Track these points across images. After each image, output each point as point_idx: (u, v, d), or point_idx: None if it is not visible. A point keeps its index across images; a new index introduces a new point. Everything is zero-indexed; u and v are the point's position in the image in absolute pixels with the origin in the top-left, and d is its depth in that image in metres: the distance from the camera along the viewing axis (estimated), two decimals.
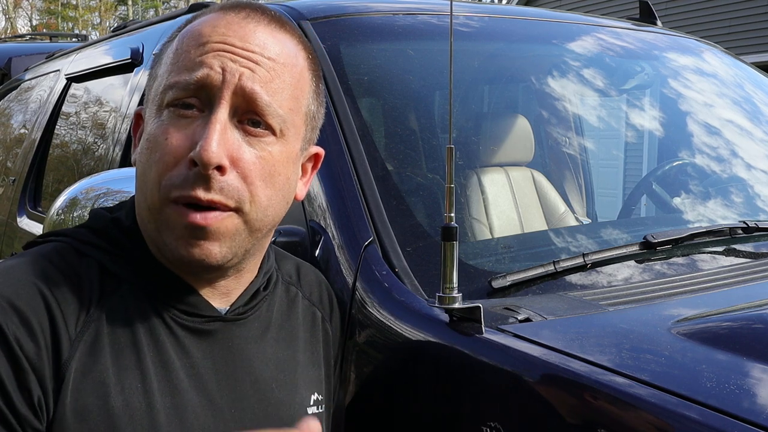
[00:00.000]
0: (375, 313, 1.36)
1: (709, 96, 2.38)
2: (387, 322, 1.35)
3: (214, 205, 0.94)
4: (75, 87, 3.11)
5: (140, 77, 2.45)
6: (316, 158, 1.14)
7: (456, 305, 1.23)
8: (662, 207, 2.28)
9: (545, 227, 2.25)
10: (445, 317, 1.27)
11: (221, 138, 0.93)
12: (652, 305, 1.38)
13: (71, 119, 3.11)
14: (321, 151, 1.14)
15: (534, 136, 2.36)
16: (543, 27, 2.32)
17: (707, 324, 1.26)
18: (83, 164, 2.80)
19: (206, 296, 1.01)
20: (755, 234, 1.73)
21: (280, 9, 1.89)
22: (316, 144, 1.14)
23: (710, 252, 1.68)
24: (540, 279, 1.46)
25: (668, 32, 2.59)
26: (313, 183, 1.58)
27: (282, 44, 1.01)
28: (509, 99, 2.67)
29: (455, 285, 1.23)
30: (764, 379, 1.07)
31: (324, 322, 1.22)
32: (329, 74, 1.69)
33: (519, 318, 1.27)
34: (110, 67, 2.77)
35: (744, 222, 1.73)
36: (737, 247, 1.70)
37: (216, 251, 0.95)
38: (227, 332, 1.01)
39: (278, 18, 1.03)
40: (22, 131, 3.47)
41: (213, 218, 0.94)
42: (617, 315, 1.33)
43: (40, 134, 3.17)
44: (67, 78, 3.15)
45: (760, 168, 2.20)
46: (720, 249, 1.69)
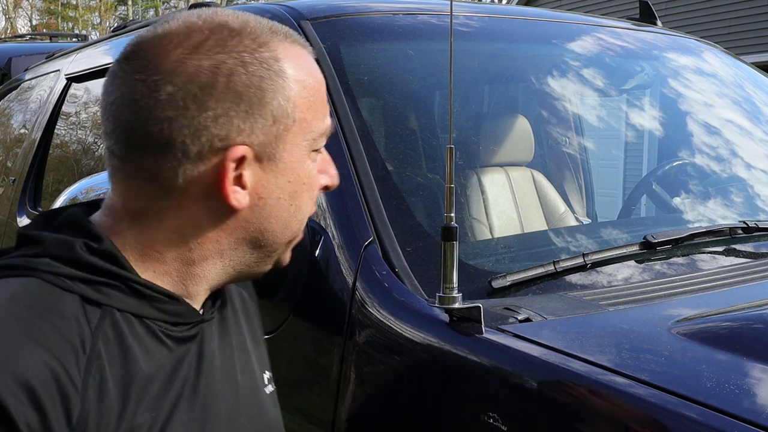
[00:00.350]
0: (375, 313, 1.36)
1: (709, 96, 2.38)
2: (387, 322, 1.35)
3: None
4: (75, 87, 3.11)
5: None
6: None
7: (456, 305, 1.23)
8: (662, 207, 2.29)
9: (545, 227, 2.25)
10: (445, 317, 1.28)
11: None
12: (652, 305, 1.38)
13: (71, 119, 3.11)
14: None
15: (534, 136, 2.36)
16: (543, 27, 2.32)
17: (707, 324, 1.27)
18: (83, 164, 2.80)
19: (189, 302, 1.00)
20: (755, 234, 1.73)
21: (280, 9, 1.89)
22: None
23: (710, 252, 1.68)
24: (540, 279, 1.46)
25: (668, 32, 2.59)
26: None
27: None
28: (509, 99, 2.67)
29: (455, 285, 1.23)
30: (764, 379, 1.07)
31: (247, 300, 1.21)
32: (329, 74, 1.70)
33: (519, 318, 1.27)
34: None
35: (744, 222, 1.73)
36: (737, 247, 1.70)
37: None
38: (203, 333, 1.01)
39: None
40: (22, 131, 3.47)
41: None
42: (617, 315, 1.33)
43: (40, 134, 3.17)
44: (67, 78, 3.15)
45: (760, 168, 2.20)
46: (720, 249, 1.69)
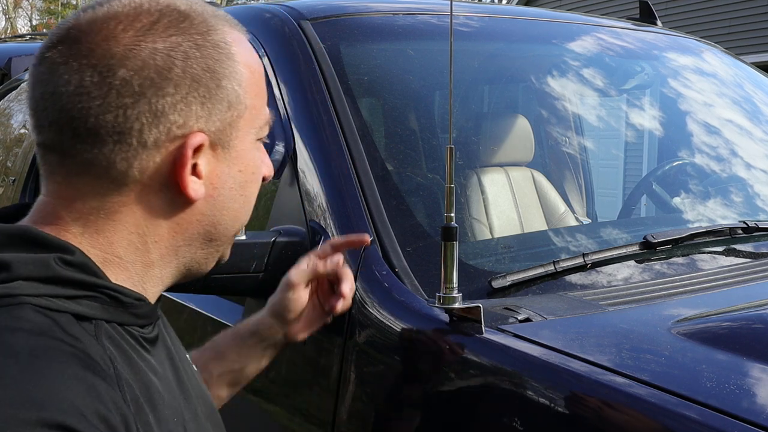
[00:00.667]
0: (375, 313, 1.36)
1: (709, 96, 2.38)
2: (387, 322, 1.35)
3: None
4: None
5: None
6: None
7: (456, 305, 1.23)
8: (662, 207, 2.29)
9: (545, 227, 2.25)
10: (445, 317, 1.27)
11: None
12: (652, 305, 1.38)
13: None
14: None
15: (534, 136, 2.36)
16: (543, 27, 2.32)
17: (707, 324, 1.27)
18: None
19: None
20: (755, 234, 1.73)
21: (280, 9, 1.89)
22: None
23: (710, 252, 1.68)
24: (540, 279, 1.46)
25: (668, 32, 2.59)
26: (313, 183, 1.59)
27: None
28: (509, 99, 2.67)
29: (455, 285, 1.23)
30: (764, 379, 1.07)
31: None
32: (329, 74, 1.69)
33: (519, 318, 1.27)
34: None
35: (744, 222, 1.73)
36: (737, 247, 1.70)
37: None
38: (159, 329, 0.99)
39: None
40: (22, 131, 3.47)
41: None
42: (617, 315, 1.33)
43: None
44: None
45: (760, 168, 2.20)
46: (720, 249, 1.69)
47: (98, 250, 0.88)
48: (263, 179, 1.01)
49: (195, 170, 0.89)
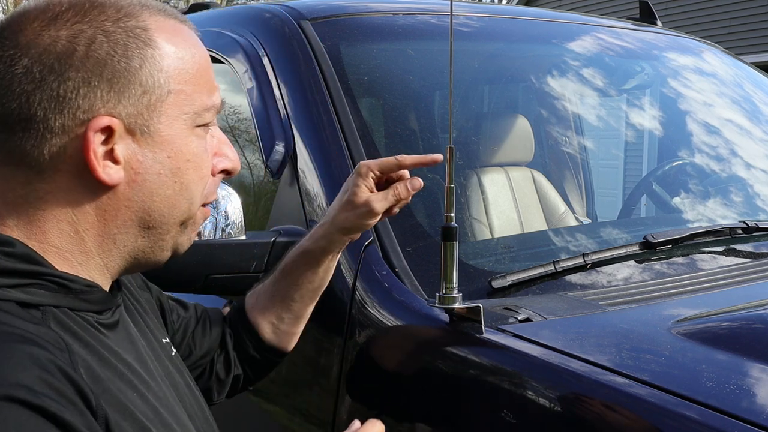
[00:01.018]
0: (375, 314, 1.36)
1: (709, 96, 2.38)
2: (387, 322, 1.35)
3: None
4: None
5: None
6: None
7: (456, 305, 1.23)
8: (662, 207, 2.29)
9: (545, 227, 2.25)
10: (445, 317, 1.27)
11: None
12: (652, 305, 1.38)
13: None
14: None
15: (534, 136, 2.36)
16: (543, 27, 2.32)
17: (707, 324, 1.27)
18: None
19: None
20: (755, 234, 1.73)
21: (280, 9, 1.89)
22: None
23: (710, 252, 1.68)
24: (540, 279, 1.46)
25: (668, 32, 2.59)
26: (313, 183, 1.59)
27: None
28: (509, 99, 2.67)
29: (455, 285, 1.23)
30: (764, 379, 1.07)
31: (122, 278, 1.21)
32: (329, 74, 1.69)
33: (519, 318, 1.27)
34: None
35: (744, 222, 1.73)
36: (737, 247, 1.70)
37: None
38: (122, 317, 1.01)
39: None
40: None
41: None
42: (617, 315, 1.33)
43: None
44: None
45: (760, 167, 2.20)
46: (720, 249, 1.69)
47: (34, 241, 0.91)
48: (226, 173, 1.03)
49: (112, 155, 0.90)
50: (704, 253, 1.67)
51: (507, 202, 2.19)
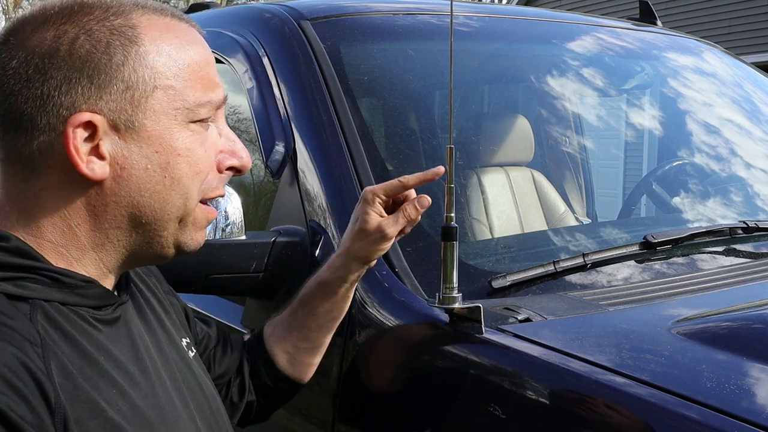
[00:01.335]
0: (375, 313, 1.36)
1: (709, 96, 2.38)
2: (387, 322, 1.35)
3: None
4: None
5: None
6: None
7: (456, 305, 1.23)
8: (662, 207, 2.29)
9: (545, 227, 2.25)
10: (445, 317, 1.27)
11: None
12: (652, 305, 1.38)
13: None
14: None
15: (534, 136, 2.36)
16: (543, 27, 2.32)
17: (707, 324, 1.27)
18: None
19: (104, 286, 1.00)
20: (755, 234, 1.73)
21: (280, 9, 1.89)
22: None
23: (710, 252, 1.68)
24: (540, 279, 1.46)
25: (668, 32, 2.59)
26: (313, 183, 1.59)
27: None
28: (509, 99, 2.67)
29: (455, 285, 1.23)
30: (764, 379, 1.07)
31: (142, 277, 1.21)
32: (329, 74, 1.69)
33: (519, 318, 1.27)
34: None
35: (744, 222, 1.73)
36: (737, 247, 1.70)
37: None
38: (125, 314, 1.02)
39: None
40: None
41: None
42: (617, 315, 1.33)
43: None
44: None
45: (760, 167, 2.20)
46: (720, 249, 1.69)
47: (31, 236, 0.93)
48: (235, 171, 1.03)
49: (98, 150, 0.92)
50: (704, 253, 1.67)
51: (507, 202, 2.19)
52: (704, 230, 1.69)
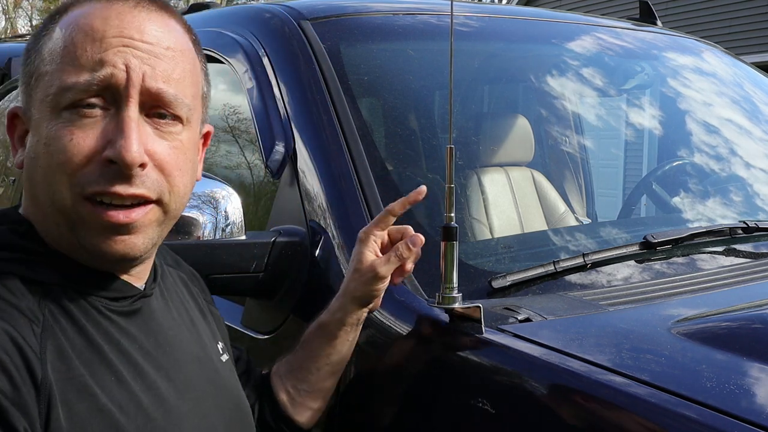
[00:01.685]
0: (375, 313, 1.36)
1: (709, 96, 2.38)
2: (387, 322, 1.35)
3: (137, 199, 0.95)
4: None
5: None
6: (207, 136, 1.13)
7: (456, 305, 1.23)
8: (662, 207, 2.28)
9: (545, 227, 2.25)
10: (445, 317, 1.27)
11: (138, 135, 0.93)
12: (652, 305, 1.38)
13: None
14: (211, 129, 1.13)
15: (534, 136, 2.36)
16: (543, 27, 2.32)
17: (707, 324, 1.26)
18: None
19: (124, 278, 1.02)
20: (755, 234, 1.73)
21: (280, 9, 1.89)
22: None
23: (710, 252, 1.68)
24: (540, 279, 1.46)
25: (668, 32, 2.59)
26: (313, 183, 1.59)
27: (175, 32, 1.01)
28: (509, 99, 2.67)
29: (455, 285, 1.23)
30: (764, 379, 1.07)
31: (186, 282, 1.23)
32: (329, 74, 1.69)
33: (519, 318, 1.27)
34: None
35: (744, 222, 1.72)
36: (737, 247, 1.70)
37: (139, 244, 0.97)
38: (147, 307, 1.03)
39: (164, 4, 1.02)
40: None
41: (136, 215, 0.95)
42: (617, 315, 1.33)
43: None
44: None
45: (760, 167, 2.20)
46: (720, 249, 1.69)
47: (36, 221, 0.98)
48: (113, 163, 0.92)
49: (22, 140, 0.98)
50: (704, 253, 1.67)
51: (507, 202, 2.19)
52: (704, 230, 1.69)
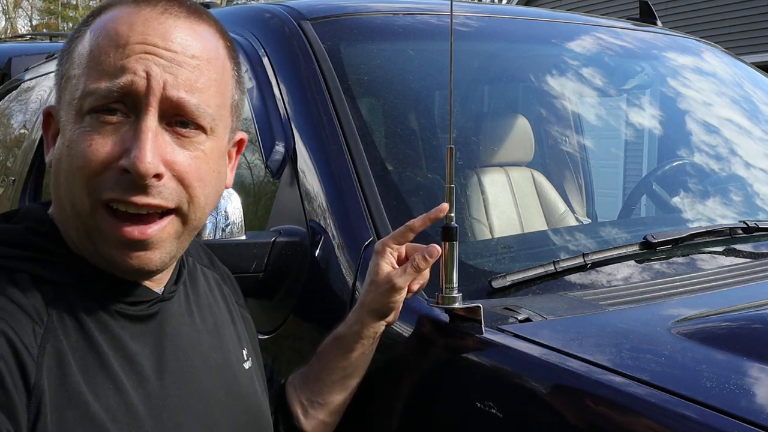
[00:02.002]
0: None
1: (709, 96, 2.38)
2: None
3: (152, 209, 0.93)
4: None
5: None
6: (240, 143, 1.10)
7: (456, 305, 1.23)
8: (662, 207, 2.28)
9: (545, 227, 2.24)
10: (445, 317, 1.27)
11: (154, 146, 0.91)
12: (652, 305, 1.38)
13: None
14: (245, 136, 1.12)
15: (534, 136, 2.36)
16: (543, 27, 2.32)
17: (707, 324, 1.26)
18: None
19: (143, 283, 1.01)
20: (755, 234, 1.73)
21: (280, 9, 1.89)
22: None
23: (710, 252, 1.68)
24: (540, 279, 1.46)
25: (668, 32, 2.59)
26: (313, 183, 1.59)
27: (203, 38, 0.98)
28: (509, 99, 2.67)
29: (455, 285, 1.23)
30: (764, 379, 1.07)
31: (219, 283, 1.21)
32: (329, 74, 1.69)
33: (519, 318, 1.27)
34: None
35: (744, 222, 1.72)
36: (737, 247, 1.70)
37: (156, 259, 0.95)
38: (165, 311, 1.02)
39: (196, 9, 1.00)
40: (22, 131, 3.47)
41: (152, 231, 0.93)
42: (617, 315, 1.33)
43: (40, 134, 3.17)
44: None
45: (760, 167, 2.20)
46: (720, 249, 1.69)
47: (59, 222, 0.97)
48: (124, 170, 0.90)
49: (55, 139, 0.98)
50: (704, 253, 1.67)
51: (507, 202, 2.19)
52: (704, 230, 1.68)
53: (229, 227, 1.48)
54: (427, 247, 1.22)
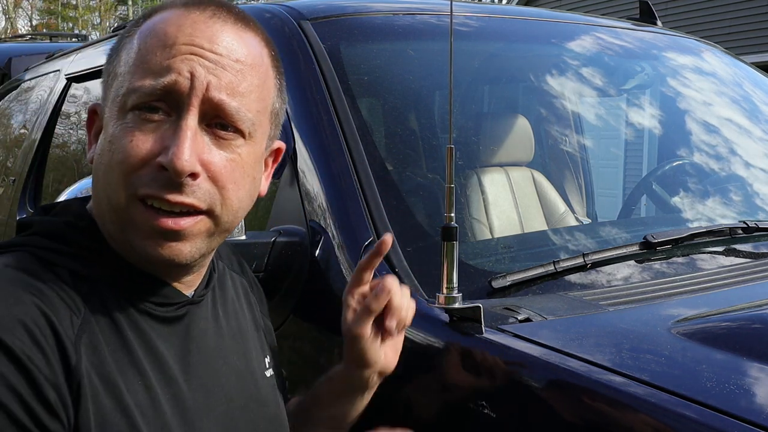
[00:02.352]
0: None
1: (709, 95, 2.38)
2: None
3: (185, 207, 0.94)
4: (75, 87, 3.11)
5: None
6: (277, 152, 1.11)
7: (456, 305, 1.23)
8: (662, 207, 2.28)
9: (545, 227, 2.25)
10: (445, 317, 1.27)
11: (192, 144, 0.92)
12: (652, 305, 1.38)
13: (71, 119, 3.11)
14: (282, 146, 1.12)
15: (534, 136, 2.36)
16: (543, 27, 2.32)
17: (707, 324, 1.27)
18: (83, 164, 2.80)
19: (174, 285, 1.02)
20: (755, 234, 1.73)
21: (280, 9, 1.89)
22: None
23: (710, 252, 1.68)
24: (540, 279, 1.46)
25: (668, 32, 2.59)
26: (313, 183, 1.59)
27: (248, 45, 1.00)
28: (509, 99, 2.67)
29: (455, 285, 1.23)
30: (764, 379, 1.07)
31: (247, 290, 1.22)
32: (329, 74, 1.69)
33: (519, 318, 1.27)
34: None
35: (744, 222, 1.73)
36: (737, 247, 1.70)
37: (186, 251, 0.96)
38: (193, 315, 1.03)
39: (243, 16, 1.02)
40: (22, 131, 3.47)
41: (185, 223, 0.94)
42: (617, 315, 1.33)
43: (40, 134, 3.17)
44: (67, 78, 3.15)
45: (760, 167, 2.20)
46: (720, 249, 1.69)
47: (97, 217, 0.99)
48: (162, 167, 0.92)
49: (96, 137, 1.00)
50: (704, 253, 1.67)
51: (507, 202, 2.19)
52: (704, 230, 1.69)
53: None
54: (378, 285, 1.14)
